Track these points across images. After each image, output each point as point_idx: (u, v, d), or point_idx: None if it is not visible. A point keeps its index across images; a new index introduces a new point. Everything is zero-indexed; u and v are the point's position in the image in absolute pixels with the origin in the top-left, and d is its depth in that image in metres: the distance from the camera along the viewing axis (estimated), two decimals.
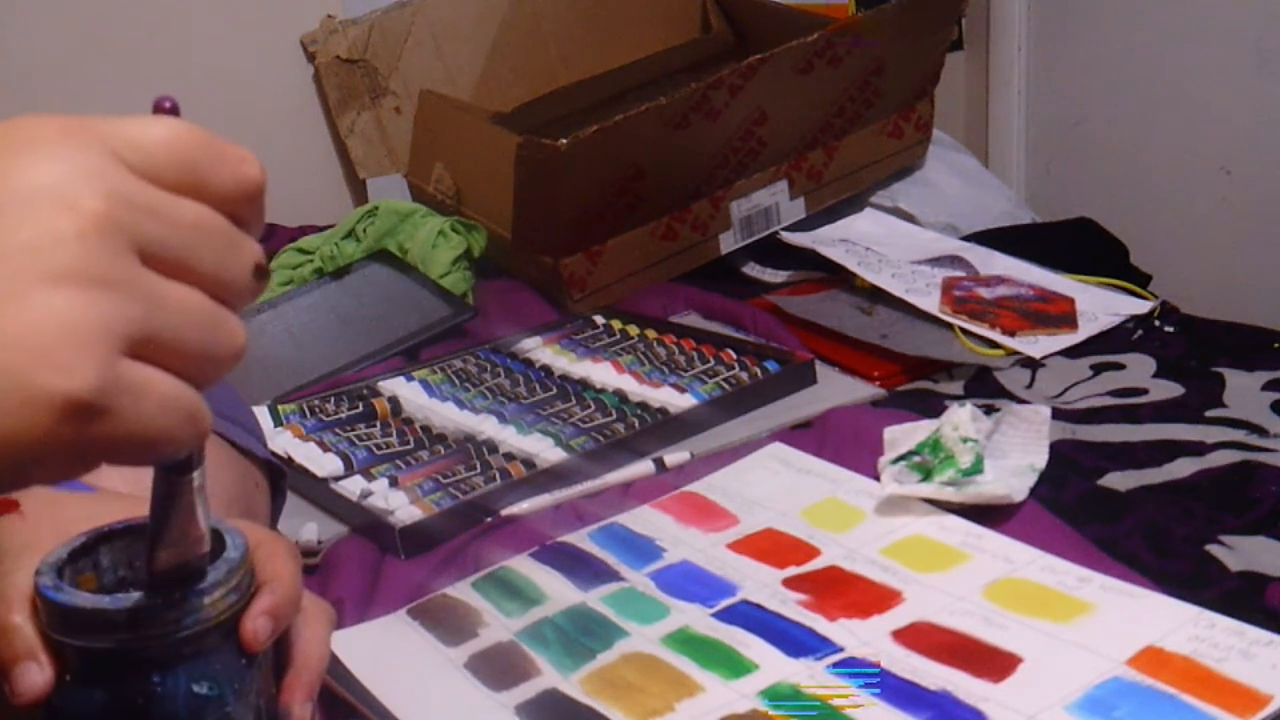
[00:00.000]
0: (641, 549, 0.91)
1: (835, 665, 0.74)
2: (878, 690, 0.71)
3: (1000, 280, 1.37)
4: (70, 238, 0.32)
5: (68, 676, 0.48)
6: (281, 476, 0.83)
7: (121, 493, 0.63)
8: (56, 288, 0.31)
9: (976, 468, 0.91)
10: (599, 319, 1.37)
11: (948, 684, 0.71)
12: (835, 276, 1.42)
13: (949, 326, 1.27)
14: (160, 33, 1.72)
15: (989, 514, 0.89)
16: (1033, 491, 0.92)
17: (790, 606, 0.81)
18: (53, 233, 0.32)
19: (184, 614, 0.47)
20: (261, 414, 1.16)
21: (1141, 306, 1.31)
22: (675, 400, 1.15)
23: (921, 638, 0.76)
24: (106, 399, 0.32)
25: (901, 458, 0.95)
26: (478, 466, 1.05)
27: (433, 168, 1.63)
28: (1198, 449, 1.00)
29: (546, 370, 1.26)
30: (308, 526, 0.98)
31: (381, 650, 0.80)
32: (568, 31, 1.85)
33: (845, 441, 1.04)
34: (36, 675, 0.47)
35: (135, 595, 0.47)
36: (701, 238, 1.49)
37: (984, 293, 1.33)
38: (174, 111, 0.37)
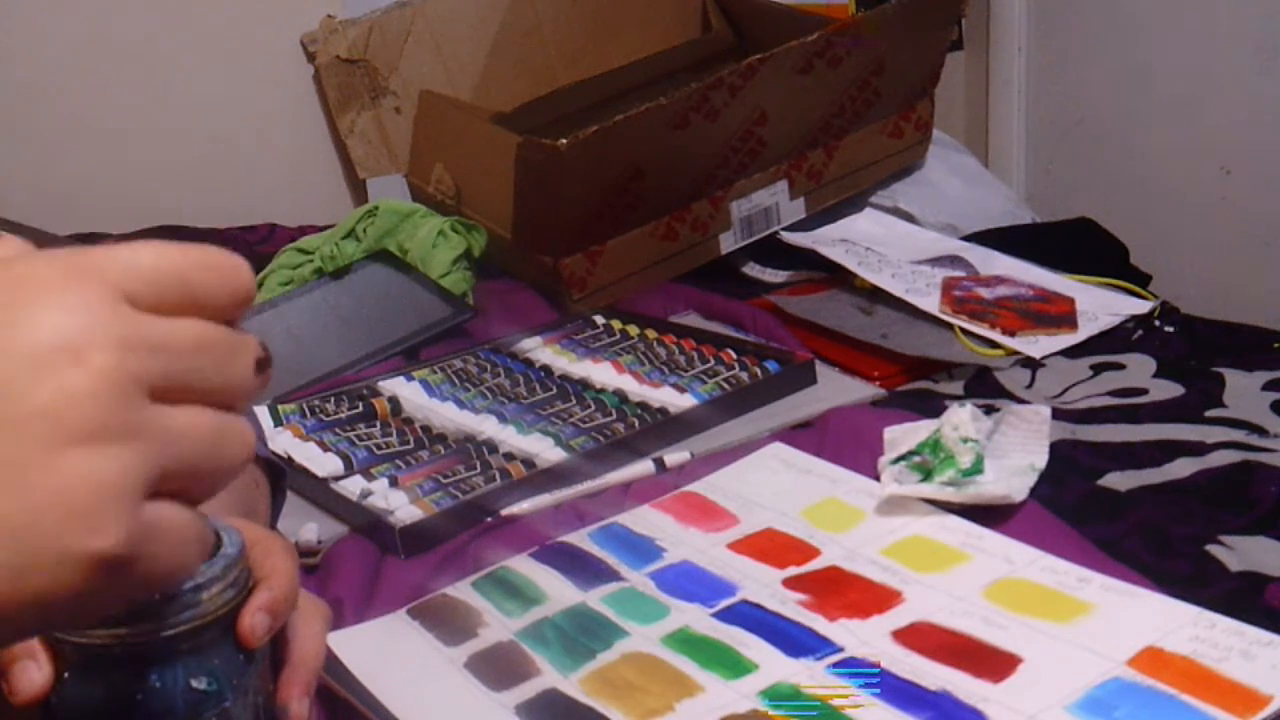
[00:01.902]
0: (641, 549, 0.91)
1: (835, 665, 0.74)
2: (878, 690, 0.71)
3: (1000, 280, 1.37)
4: (85, 396, 0.32)
5: (66, 674, 0.48)
6: (281, 475, 0.83)
7: None
8: (78, 448, 0.32)
9: (977, 468, 0.91)
10: (599, 319, 1.37)
11: (948, 684, 0.70)
12: (835, 276, 1.42)
13: (949, 326, 1.27)
14: (160, 33, 1.72)
15: (989, 514, 0.89)
16: (1033, 491, 0.92)
17: (790, 606, 0.81)
18: (68, 393, 0.32)
19: (181, 610, 0.47)
20: (261, 414, 1.16)
21: (1141, 306, 1.31)
22: (675, 400, 1.15)
23: (921, 638, 0.76)
24: (133, 550, 0.33)
25: (901, 458, 0.95)
26: (478, 466, 1.05)
27: (433, 168, 1.63)
28: (1198, 449, 1.00)
29: (546, 370, 1.26)
30: (308, 526, 0.98)
31: (381, 650, 0.80)
32: (568, 31, 1.85)
33: (845, 441, 1.04)
34: (35, 673, 0.47)
35: None
36: (701, 238, 1.49)
37: (984, 293, 1.33)
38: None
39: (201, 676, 0.48)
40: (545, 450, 1.07)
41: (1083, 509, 0.92)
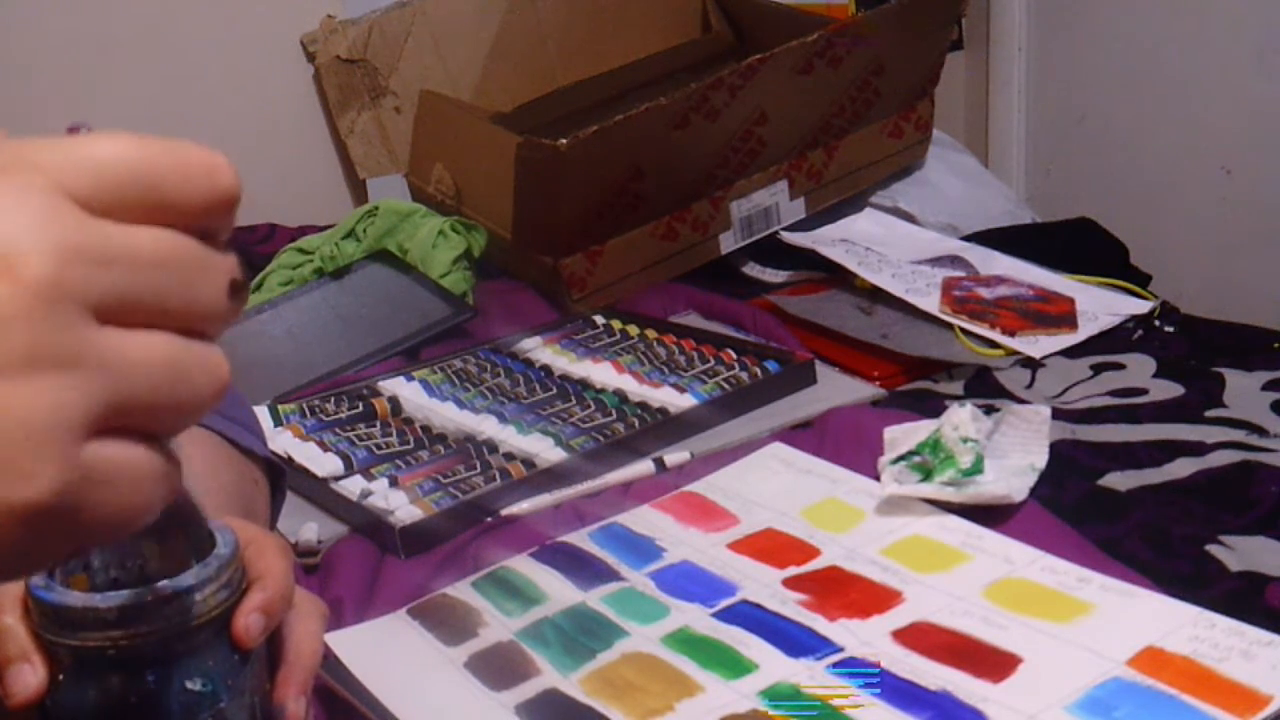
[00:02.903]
0: (641, 549, 0.91)
1: (835, 665, 0.74)
2: (878, 690, 0.71)
3: (1000, 280, 1.37)
4: (14, 316, 0.27)
5: (61, 676, 0.48)
6: (281, 475, 0.83)
7: None
8: (4, 379, 0.27)
9: (976, 468, 0.91)
10: (599, 319, 1.37)
11: (948, 684, 0.70)
12: (835, 276, 1.42)
13: (949, 326, 1.27)
14: (160, 32, 1.72)
15: (989, 514, 0.89)
16: (1033, 491, 0.92)
17: (790, 606, 0.81)
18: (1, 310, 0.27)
19: (176, 611, 0.47)
20: (261, 414, 1.16)
21: (1141, 306, 1.31)
22: (675, 400, 1.15)
23: (921, 638, 0.76)
24: (73, 498, 0.28)
25: (901, 458, 0.95)
26: (478, 466, 1.05)
27: (433, 168, 1.63)
28: (1198, 449, 1.00)
29: (546, 370, 1.26)
30: (308, 526, 0.98)
31: (381, 650, 0.80)
32: (568, 31, 1.85)
33: (845, 441, 1.04)
34: (30, 676, 0.47)
35: (126, 593, 0.47)
36: (701, 238, 1.49)
37: (984, 293, 1.33)
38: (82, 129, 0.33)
39: (196, 678, 0.48)
40: (545, 450, 1.07)
41: (1083, 509, 0.92)
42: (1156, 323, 1.28)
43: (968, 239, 1.51)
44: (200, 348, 0.31)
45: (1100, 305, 1.31)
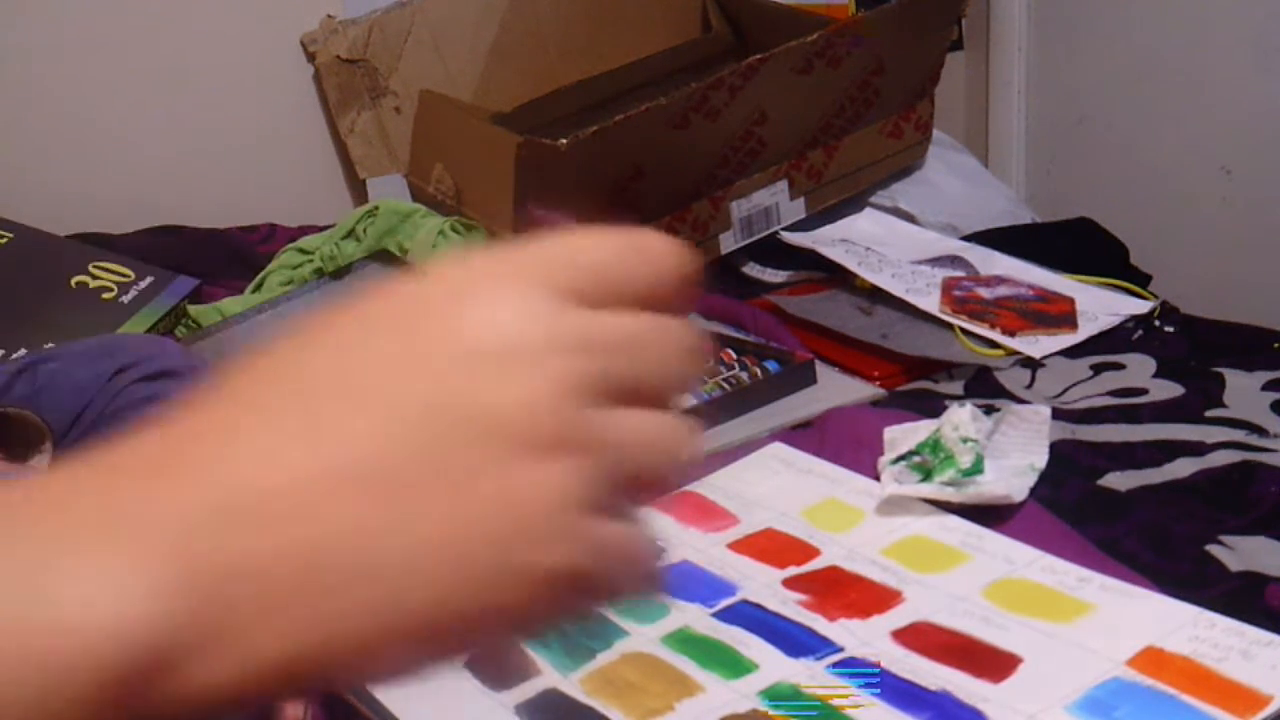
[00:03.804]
0: None
1: (835, 665, 0.74)
2: (878, 690, 0.71)
3: (1000, 280, 1.37)
4: (535, 400, 0.30)
5: None
6: None
7: None
8: (530, 455, 0.29)
9: (976, 468, 0.91)
10: None
11: (948, 684, 0.70)
12: (835, 276, 1.41)
13: (949, 326, 1.27)
14: (160, 32, 1.71)
15: (989, 514, 0.89)
16: (1033, 491, 0.92)
17: (790, 606, 0.81)
18: (518, 397, 0.29)
19: None
20: None
21: (1141, 306, 1.31)
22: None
23: (921, 638, 0.76)
24: (585, 566, 0.30)
25: (901, 458, 0.95)
26: None
27: (433, 168, 1.63)
28: (1198, 449, 1.00)
29: None
30: None
31: None
32: (568, 31, 1.85)
33: (845, 441, 1.04)
34: None
35: None
36: (701, 238, 1.49)
37: (984, 293, 1.33)
38: (552, 220, 0.35)
39: None
40: None
41: (1083, 509, 0.92)
42: (1156, 323, 1.28)
43: (968, 239, 1.51)
44: (673, 420, 0.33)
45: (1100, 305, 1.31)
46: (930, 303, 1.31)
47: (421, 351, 0.30)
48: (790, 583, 0.84)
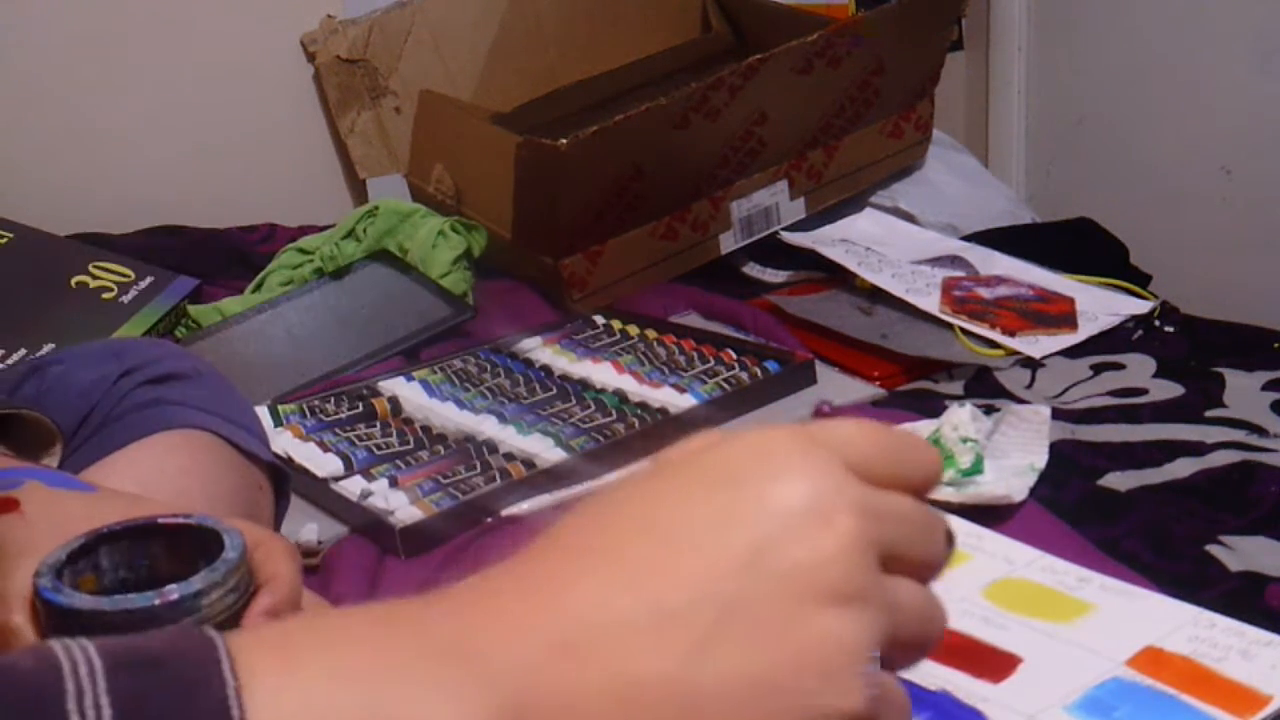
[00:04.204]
0: None
1: None
2: None
3: (1000, 280, 1.37)
4: (835, 557, 0.33)
5: None
6: (285, 480, 0.83)
7: (122, 491, 0.63)
8: (829, 605, 0.32)
9: (976, 468, 0.91)
10: (599, 319, 1.37)
11: (948, 684, 0.70)
12: (835, 276, 1.42)
13: (949, 326, 1.27)
14: (160, 33, 1.71)
15: (989, 514, 0.89)
16: (1033, 491, 0.92)
17: None
18: (819, 552, 0.33)
19: (183, 614, 0.47)
20: (261, 414, 1.16)
21: (1141, 306, 1.31)
22: (675, 400, 1.15)
23: None
24: (870, 713, 0.33)
25: None
26: (478, 467, 1.05)
27: (433, 168, 1.63)
28: (1198, 449, 1.00)
29: (546, 370, 1.26)
30: (308, 527, 0.98)
31: None
32: (568, 31, 1.85)
33: None
34: None
35: (134, 597, 0.47)
36: (701, 238, 1.49)
37: (984, 293, 1.33)
38: (839, 413, 0.39)
39: None
40: (545, 450, 1.07)
41: (1083, 509, 0.92)
42: (1156, 323, 1.28)
43: (968, 239, 1.51)
44: (933, 595, 0.37)
45: (1100, 305, 1.31)
46: (930, 303, 1.31)
47: (733, 509, 0.33)
48: None
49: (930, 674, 0.72)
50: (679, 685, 0.31)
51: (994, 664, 0.72)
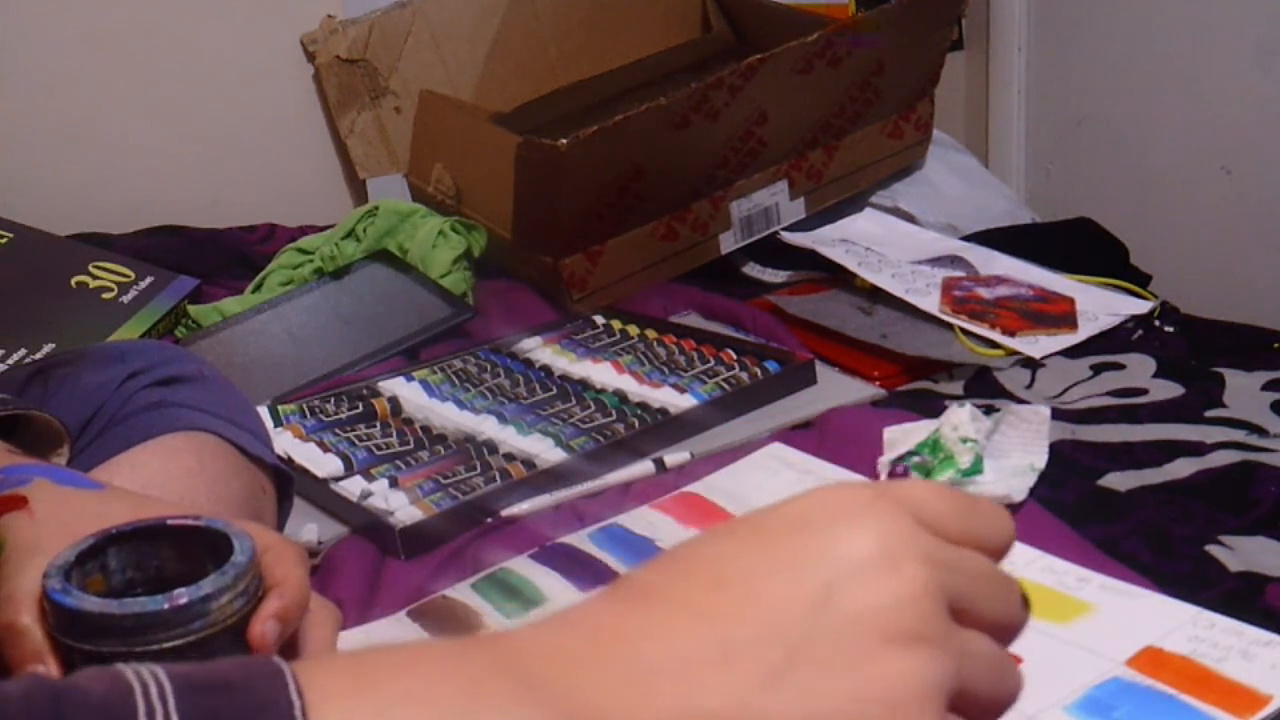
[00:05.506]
0: (641, 549, 0.91)
1: None
2: None
3: (1000, 280, 1.37)
4: (903, 599, 0.34)
5: None
6: (289, 483, 0.83)
7: (129, 490, 0.63)
8: (901, 648, 0.34)
9: (976, 468, 0.91)
10: (599, 319, 1.37)
11: None
12: (835, 276, 1.42)
13: (949, 326, 1.27)
14: (160, 32, 1.72)
15: None
16: (1033, 491, 0.92)
17: None
18: (888, 595, 0.34)
19: (191, 618, 0.47)
20: (262, 414, 1.16)
21: (1141, 306, 1.31)
22: (675, 400, 1.15)
23: None
24: None
25: (901, 458, 0.95)
26: (478, 467, 1.05)
27: (433, 168, 1.63)
28: (1198, 449, 1.00)
29: (546, 370, 1.26)
30: (308, 527, 0.98)
31: None
32: (568, 31, 1.85)
33: (845, 441, 1.04)
34: None
35: (142, 599, 0.47)
36: (701, 238, 1.49)
37: (984, 293, 1.33)
38: (905, 473, 0.40)
39: None
40: (545, 451, 1.07)
41: (1083, 509, 0.92)
42: (1156, 323, 1.28)
43: (968, 239, 1.51)
44: (1006, 654, 0.37)
45: (1100, 305, 1.31)
46: (930, 303, 1.31)
47: (803, 554, 0.35)
48: None
49: None
50: (746, 717, 0.32)
51: None
